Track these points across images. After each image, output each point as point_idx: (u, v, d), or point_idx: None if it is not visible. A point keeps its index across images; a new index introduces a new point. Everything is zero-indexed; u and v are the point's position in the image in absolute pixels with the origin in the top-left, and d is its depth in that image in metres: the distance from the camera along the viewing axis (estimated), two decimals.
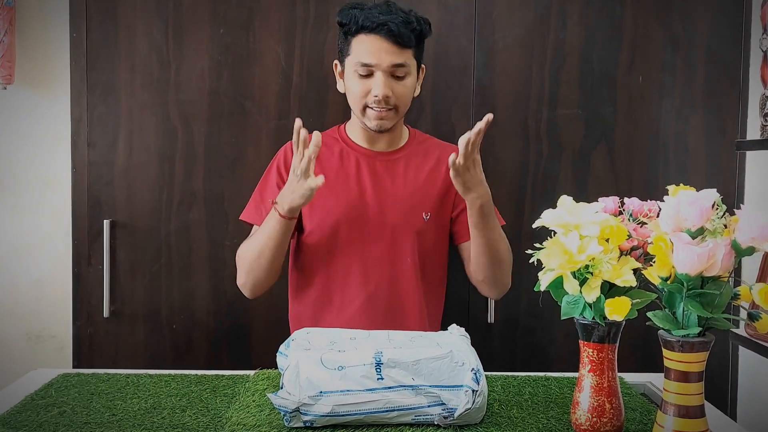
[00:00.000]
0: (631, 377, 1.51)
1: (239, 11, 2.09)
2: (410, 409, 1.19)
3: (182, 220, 2.11)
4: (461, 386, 1.20)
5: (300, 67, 2.10)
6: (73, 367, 2.11)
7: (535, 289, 1.13)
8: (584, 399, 1.14)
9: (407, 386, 1.20)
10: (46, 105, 2.28)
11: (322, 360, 1.21)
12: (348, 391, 1.18)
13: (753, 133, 2.12)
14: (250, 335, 2.13)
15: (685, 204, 1.03)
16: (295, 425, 1.19)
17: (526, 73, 2.13)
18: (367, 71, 1.62)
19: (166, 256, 2.12)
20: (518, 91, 2.13)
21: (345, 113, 1.90)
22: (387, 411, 1.19)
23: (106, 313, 2.10)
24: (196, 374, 1.49)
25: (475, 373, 1.20)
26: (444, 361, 1.21)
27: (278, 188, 1.72)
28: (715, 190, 1.04)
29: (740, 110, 2.15)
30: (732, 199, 2.14)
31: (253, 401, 1.32)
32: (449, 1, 2.12)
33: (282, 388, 1.21)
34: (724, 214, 1.04)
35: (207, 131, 2.10)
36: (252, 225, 1.78)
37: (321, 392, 1.18)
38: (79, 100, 2.09)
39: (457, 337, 1.36)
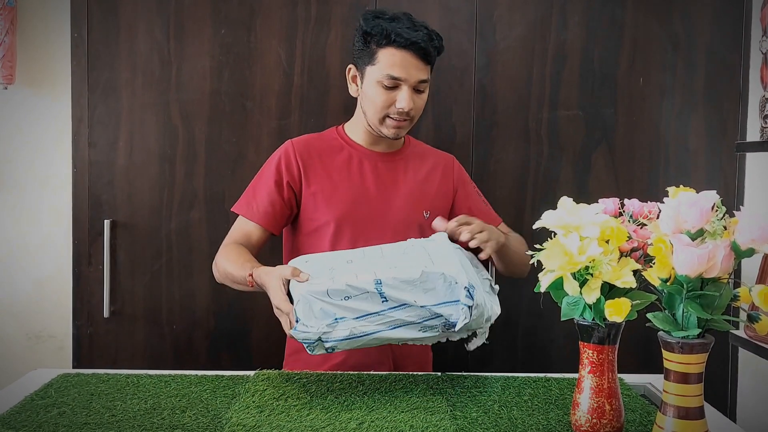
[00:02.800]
0: (630, 378, 1.51)
1: (240, 11, 2.09)
2: (416, 323, 1.33)
3: (183, 219, 2.11)
4: (457, 301, 1.31)
5: (301, 67, 2.10)
6: (73, 367, 2.11)
7: (535, 290, 1.13)
8: (584, 400, 1.14)
9: (410, 304, 1.32)
10: (47, 105, 2.28)
11: (328, 293, 1.31)
12: (360, 317, 1.31)
13: (753, 134, 2.12)
14: (250, 335, 2.14)
15: (685, 205, 1.03)
16: (318, 353, 1.31)
17: (527, 73, 2.13)
18: (394, 84, 1.66)
19: (166, 255, 2.12)
20: (519, 92, 2.13)
21: (346, 113, 1.90)
22: (395, 327, 1.32)
23: (106, 313, 2.10)
24: (196, 375, 1.49)
25: (468, 290, 1.31)
26: (438, 282, 1.33)
27: (275, 185, 1.73)
28: (714, 191, 1.04)
29: (740, 112, 2.15)
30: (732, 201, 2.14)
31: (253, 402, 1.32)
32: (450, 2, 2.12)
33: (298, 321, 1.31)
34: (723, 215, 1.04)
35: (208, 131, 2.11)
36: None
37: (336, 319, 1.30)
38: (79, 99, 2.09)
39: (446, 247, 1.45)
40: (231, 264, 1.64)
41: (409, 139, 1.85)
